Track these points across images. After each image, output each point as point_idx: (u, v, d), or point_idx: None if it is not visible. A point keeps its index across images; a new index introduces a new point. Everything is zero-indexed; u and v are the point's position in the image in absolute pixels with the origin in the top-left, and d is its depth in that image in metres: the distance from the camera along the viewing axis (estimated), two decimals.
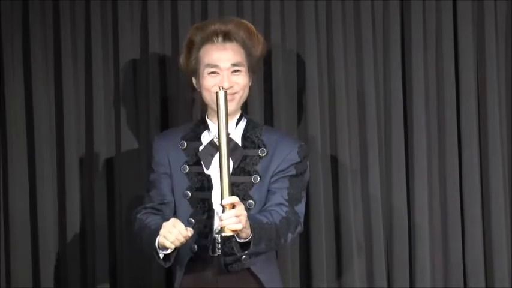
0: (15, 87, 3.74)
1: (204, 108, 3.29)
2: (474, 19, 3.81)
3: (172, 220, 2.93)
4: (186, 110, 3.74)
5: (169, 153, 3.17)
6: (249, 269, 3.12)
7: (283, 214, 3.07)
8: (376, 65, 3.81)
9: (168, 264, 3.02)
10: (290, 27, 3.79)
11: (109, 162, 3.77)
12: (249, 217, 2.92)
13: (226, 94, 2.88)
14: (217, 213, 3.06)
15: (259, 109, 3.76)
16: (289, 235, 3.09)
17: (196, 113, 3.73)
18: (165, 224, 2.93)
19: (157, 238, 2.97)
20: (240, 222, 2.84)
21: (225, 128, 2.86)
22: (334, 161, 3.78)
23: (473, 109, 3.79)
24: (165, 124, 3.75)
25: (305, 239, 3.75)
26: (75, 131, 3.76)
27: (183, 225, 2.91)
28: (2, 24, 3.74)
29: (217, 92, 2.89)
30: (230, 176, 2.87)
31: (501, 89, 3.82)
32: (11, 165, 3.74)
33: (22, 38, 3.74)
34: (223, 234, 2.85)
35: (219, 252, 3.10)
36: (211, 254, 3.10)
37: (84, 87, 3.78)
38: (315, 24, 3.78)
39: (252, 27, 3.19)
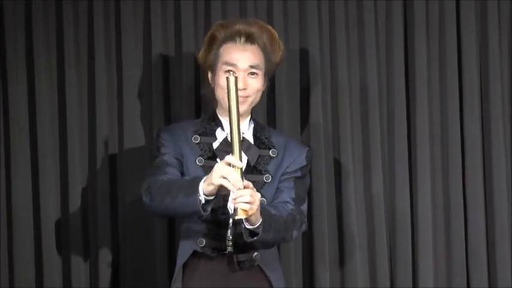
0: (18, 86, 3.74)
1: (214, 104, 3.27)
2: (477, 18, 3.81)
3: (225, 160, 2.88)
4: (189, 110, 3.75)
5: (180, 143, 3.16)
6: (258, 266, 3.14)
7: (289, 211, 3.11)
8: (379, 65, 3.81)
9: (206, 213, 2.95)
10: (293, 27, 3.79)
11: (112, 160, 3.78)
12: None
13: (236, 79, 2.91)
14: (230, 210, 3.06)
15: (262, 109, 3.75)
16: (295, 232, 3.12)
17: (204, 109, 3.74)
18: (217, 164, 2.88)
19: (201, 183, 2.91)
20: (253, 202, 2.86)
21: (235, 113, 2.90)
22: (337, 160, 3.78)
23: (477, 108, 3.80)
24: (168, 123, 3.75)
25: (308, 238, 3.75)
26: (78, 130, 3.76)
27: (237, 160, 2.86)
28: (5, 24, 3.74)
29: (227, 78, 2.91)
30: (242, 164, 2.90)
31: (504, 87, 3.82)
32: (14, 164, 3.74)
33: (25, 37, 3.74)
34: (236, 217, 2.87)
35: (229, 249, 3.11)
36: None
37: (87, 86, 3.78)
38: (317, 24, 3.78)
39: (275, 33, 3.22)
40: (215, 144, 3.17)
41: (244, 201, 2.86)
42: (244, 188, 2.87)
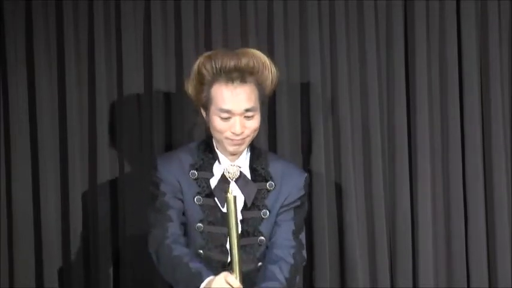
0: (18, 86, 3.73)
1: (209, 133, 3.20)
2: (477, 19, 3.81)
3: (224, 275, 2.85)
4: (189, 109, 3.74)
5: (178, 178, 3.09)
6: None
7: (292, 262, 3.06)
8: (379, 65, 3.81)
9: None
10: (293, 27, 3.78)
11: (112, 160, 3.77)
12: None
13: (235, 198, 2.84)
14: (229, 251, 2.94)
15: (262, 114, 3.73)
16: (297, 277, 3.10)
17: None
18: (217, 279, 2.83)
19: (201, 286, 2.88)
20: None
21: (235, 235, 2.83)
22: (338, 163, 3.78)
23: (477, 111, 3.80)
24: (169, 125, 3.76)
25: (308, 239, 3.73)
26: (78, 130, 3.75)
27: (237, 281, 2.84)
28: (5, 24, 3.73)
29: (226, 197, 2.83)
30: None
31: (504, 90, 3.82)
32: (14, 164, 3.73)
33: (25, 37, 3.74)
34: None
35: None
36: None
37: (87, 85, 3.77)
38: (318, 25, 3.78)
39: (266, 60, 3.07)
40: (212, 182, 3.09)
41: None
42: None
